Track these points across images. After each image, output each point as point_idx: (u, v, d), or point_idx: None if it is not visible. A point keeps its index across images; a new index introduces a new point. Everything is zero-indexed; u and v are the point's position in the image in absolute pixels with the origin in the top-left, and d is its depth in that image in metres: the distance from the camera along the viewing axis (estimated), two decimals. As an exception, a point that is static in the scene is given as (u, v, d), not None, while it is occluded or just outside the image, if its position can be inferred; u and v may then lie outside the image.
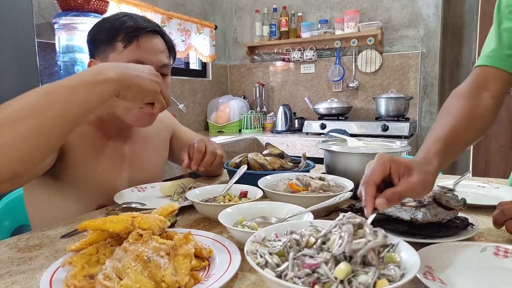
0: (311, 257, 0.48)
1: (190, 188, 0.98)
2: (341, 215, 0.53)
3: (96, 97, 0.71)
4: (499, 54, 0.86)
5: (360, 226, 0.50)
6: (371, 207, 0.58)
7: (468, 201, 0.82)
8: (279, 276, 0.46)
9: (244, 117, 3.19)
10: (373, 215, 0.58)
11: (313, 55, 3.22)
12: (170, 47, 1.01)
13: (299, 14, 3.29)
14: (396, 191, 0.59)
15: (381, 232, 0.49)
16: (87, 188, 0.97)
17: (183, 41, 2.89)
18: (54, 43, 1.98)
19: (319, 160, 1.25)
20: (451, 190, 1.00)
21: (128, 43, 0.91)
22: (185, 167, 1.02)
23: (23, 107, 0.66)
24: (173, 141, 1.28)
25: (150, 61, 0.92)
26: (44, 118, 0.66)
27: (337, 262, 0.46)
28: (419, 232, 0.66)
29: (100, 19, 1.00)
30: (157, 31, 0.97)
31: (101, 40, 0.94)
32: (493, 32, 0.90)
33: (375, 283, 0.43)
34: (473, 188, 1.05)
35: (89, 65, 0.97)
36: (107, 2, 1.99)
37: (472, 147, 3.35)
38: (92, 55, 0.98)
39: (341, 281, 0.43)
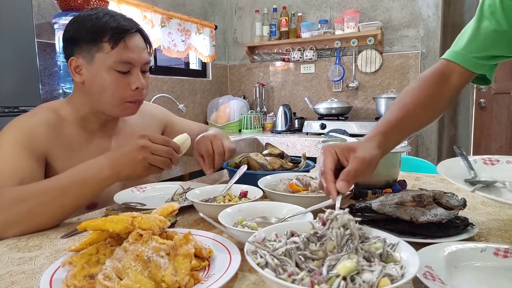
0: (313, 259, 0.48)
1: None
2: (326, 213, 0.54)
3: (101, 188, 0.85)
4: (467, 53, 0.88)
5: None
6: (335, 192, 0.64)
7: None
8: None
9: (244, 117, 3.19)
10: (340, 198, 0.64)
11: (313, 55, 3.22)
12: (149, 44, 1.05)
13: (299, 14, 3.28)
14: (350, 169, 0.66)
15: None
16: None
17: (183, 41, 2.89)
18: (54, 43, 1.98)
19: (319, 160, 1.25)
20: None
21: (115, 44, 0.95)
22: (207, 171, 1.04)
23: (44, 203, 0.80)
24: (166, 134, 1.26)
25: (135, 60, 0.97)
26: (61, 211, 0.83)
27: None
28: (419, 232, 0.66)
29: (75, 16, 1.00)
30: (139, 30, 1.01)
31: (84, 39, 0.95)
32: (469, 29, 0.90)
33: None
34: None
35: (71, 63, 0.98)
36: (107, 2, 1.99)
37: (472, 148, 3.35)
38: (71, 53, 0.98)
39: (344, 278, 0.43)
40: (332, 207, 0.79)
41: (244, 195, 0.90)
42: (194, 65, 3.43)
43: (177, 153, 0.88)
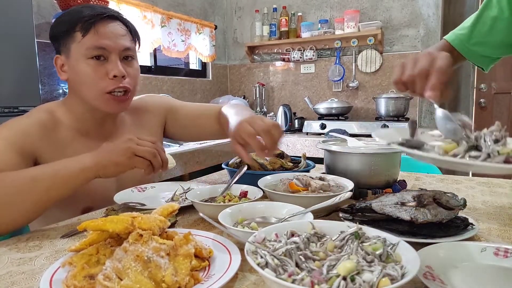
0: (313, 259, 0.48)
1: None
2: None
3: (78, 182, 0.82)
4: (465, 39, 1.00)
5: None
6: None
7: None
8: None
9: (244, 117, 3.18)
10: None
11: (313, 55, 3.22)
12: (132, 31, 1.01)
13: (299, 14, 3.28)
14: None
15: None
16: None
17: (183, 41, 2.89)
18: (54, 43, 1.98)
19: (319, 160, 1.25)
20: None
21: (86, 31, 0.91)
22: (246, 159, 0.86)
23: (17, 192, 0.77)
24: (170, 122, 1.21)
25: (110, 46, 0.93)
26: (31, 202, 0.79)
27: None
28: (419, 232, 0.66)
29: (61, 14, 0.99)
30: (114, 16, 0.97)
31: (61, 34, 0.94)
32: (474, 16, 1.00)
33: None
34: None
35: (55, 61, 0.97)
36: (107, 2, 1.99)
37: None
38: (58, 51, 0.97)
39: (344, 278, 0.43)
40: (333, 208, 0.79)
41: (244, 195, 0.90)
42: (194, 65, 3.43)
43: (163, 153, 0.86)
